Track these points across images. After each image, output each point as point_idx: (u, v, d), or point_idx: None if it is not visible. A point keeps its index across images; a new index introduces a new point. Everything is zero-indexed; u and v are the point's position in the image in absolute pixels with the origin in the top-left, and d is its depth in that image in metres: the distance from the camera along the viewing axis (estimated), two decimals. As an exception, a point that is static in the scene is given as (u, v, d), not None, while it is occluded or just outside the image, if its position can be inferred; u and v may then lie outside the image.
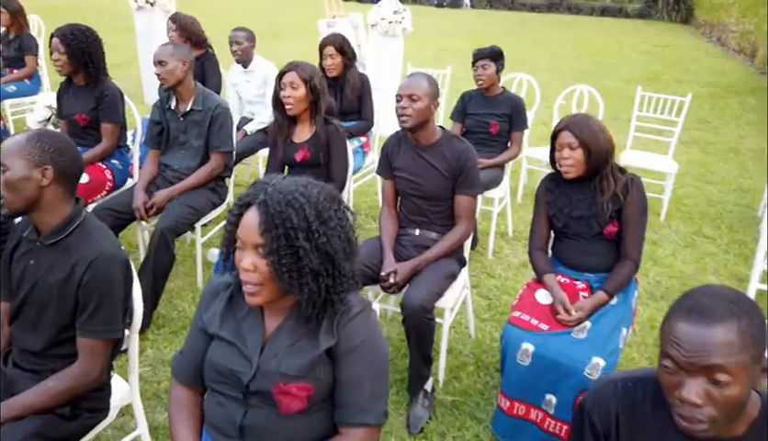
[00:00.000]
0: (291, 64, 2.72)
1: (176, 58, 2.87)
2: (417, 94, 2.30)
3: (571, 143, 2.12)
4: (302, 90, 2.69)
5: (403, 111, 2.32)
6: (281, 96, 2.71)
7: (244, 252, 1.22)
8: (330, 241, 1.22)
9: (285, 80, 2.69)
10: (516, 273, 3.47)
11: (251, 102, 4.16)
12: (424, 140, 2.42)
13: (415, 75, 2.39)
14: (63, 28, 2.98)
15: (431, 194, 2.43)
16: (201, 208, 2.94)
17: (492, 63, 3.59)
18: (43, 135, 1.59)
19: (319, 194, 1.24)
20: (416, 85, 2.31)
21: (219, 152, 2.99)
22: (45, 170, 1.56)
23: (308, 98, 2.73)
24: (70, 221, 1.61)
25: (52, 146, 1.58)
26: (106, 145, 3.13)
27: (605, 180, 2.17)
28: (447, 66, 5.22)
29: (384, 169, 2.56)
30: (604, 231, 2.19)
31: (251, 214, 1.21)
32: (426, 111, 2.34)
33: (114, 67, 8.69)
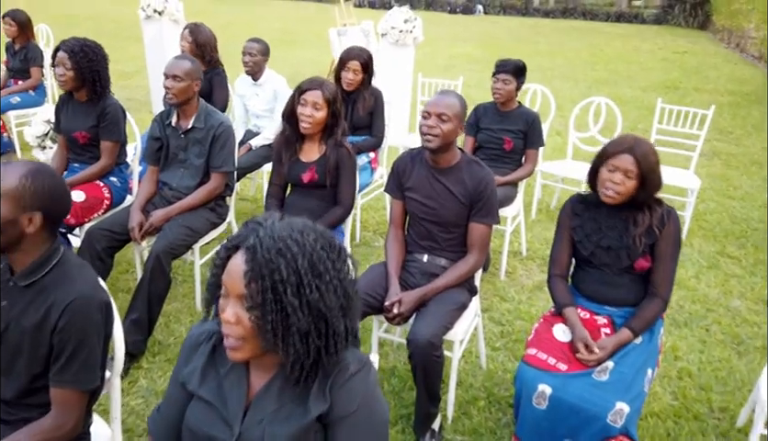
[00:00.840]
0: (316, 82, 2.58)
1: (191, 77, 2.75)
2: (448, 114, 2.15)
3: (629, 171, 1.95)
4: (324, 112, 2.57)
5: (430, 131, 2.17)
6: (299, 112, 2.58)
7: (228, 301, 1.08)
8: (323, 297, 1.07)
9: (307, 97, 2.55)
10: (531, 296, 3.31)
11: (258, 116, 4.04)
12: (444, 162, 2.27)
13: (447, 93, 2.23)
14: (71, 43, 2.87)
15: (444, 220, 2.28)
16: (199, 229, 2.82)
17: (514, 80, 3.44)
18: (38, 176, 1.44)
19: (315, 242, 1.09)
20: (447, 105, 2.17)
21: (220, 172, 2.87)
22: (33, 217, 1.43)
23: (326, 120, 2.59)
24: (47, 260, 1.48)
25: (46, 190, 1.44)
26: (104, 163, 3.02)
27: (642, 211, 2.01)
28: (459, 76, 5.05)
29: (394, 188, 2.41)
30: (634, 265, 2.03)
31: (238, 259, 1.07)
32: (453, 133, 2.20)
33: (125, 76, 8.73)
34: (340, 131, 2.66)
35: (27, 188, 1.41)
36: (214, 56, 4.01)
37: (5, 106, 4.81)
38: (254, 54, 3.85)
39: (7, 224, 1.40)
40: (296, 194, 2.78)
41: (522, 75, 3.51)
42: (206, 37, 3.96)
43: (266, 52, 3.93)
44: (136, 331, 2.58)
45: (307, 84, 2.59)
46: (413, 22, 5.51)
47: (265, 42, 3.96)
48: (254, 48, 3.87)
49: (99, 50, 2.93)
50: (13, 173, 1.42)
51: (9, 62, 4.98)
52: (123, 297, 3.09)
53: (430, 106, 2.19)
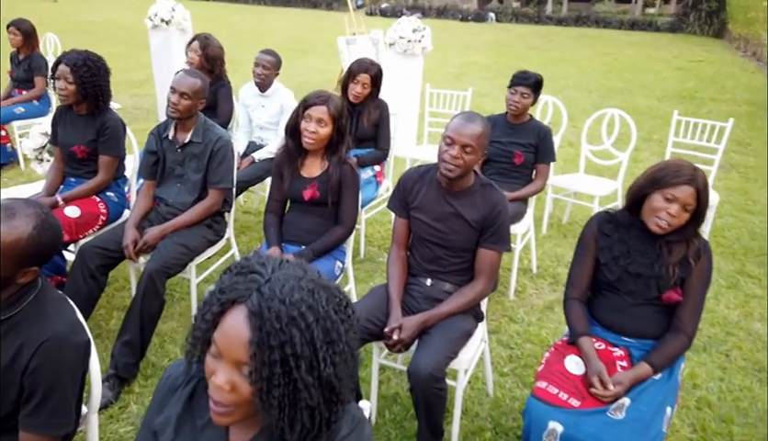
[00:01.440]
0: (321, 97, 2.47)
1: (198, 96, 2.68)
2: (473, 146, 2.03)
3: (688, 204, 1.82)
4: (329, 128, 2.46)
5: (453, 161, 2.04)
6: (303, 128, 2.47)
7: (220, 364, 0.93)
8: (337, 369, 0.93)
9: (312, 113, 2.44)
10: (541, 317, 3.17)
11: (262, 127, 3.94)
12: (458, 186, 2.15)
13: (473, 120, 2.08)
14: (74, 56, 2.78)
15: (453, 244, 2.16)
16: (196, 247, 2.72)
17: (532, 94, 3.32)
18: (46, 230, 1.36)
19: (328, 303, 0.94)
20: (473, 136, 2.03)
21: (217, 189, 2.77)
22: (30, 271, 1.36)
23: (331, 136, 2.49)
24: (23, 295, 1.39)
25: (48, 242, 1.37)
26: (102, 179, 2.93)
27: (680, 241, 1.88)
28: (468, 87, 4.92)
29: (398, 205, 2.29)
30: (662, 296, 1.89)
31: (238, 320, 0.91)
32: (475, 162, 2.07)
33: (133, 85, 8.72)
34: (344, 148, 2.55)
35: (32, 246, 1.33)
36: (223, 70, 3.94)
37: (8, 116, 4.76)
38: (267, 67, 3.77)
39: (5, 279, 1.32)
40: (295, 210, 2.67)
41: (540, 90, 3.39)
42: (216, 50, 3.89)
43: (278, 66, 3.84)
44: (128, 353, 2.48)
45: (312, 99, 2.48)
46: (422, 32, 5.41)
47: (278, 55, 3.87)
48: (267, 61, 3.78)
49: (102, 64, 2.85)
50: (23, 225, 1.33)
51: (14, 71, 4.94)
52: (118, 315, 3.00)
53: (454, 133, 2.04)
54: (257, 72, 3.79)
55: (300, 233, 2.60)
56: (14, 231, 1.31)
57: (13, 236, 1.30)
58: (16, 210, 1.33)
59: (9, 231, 1.30)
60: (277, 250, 2.50)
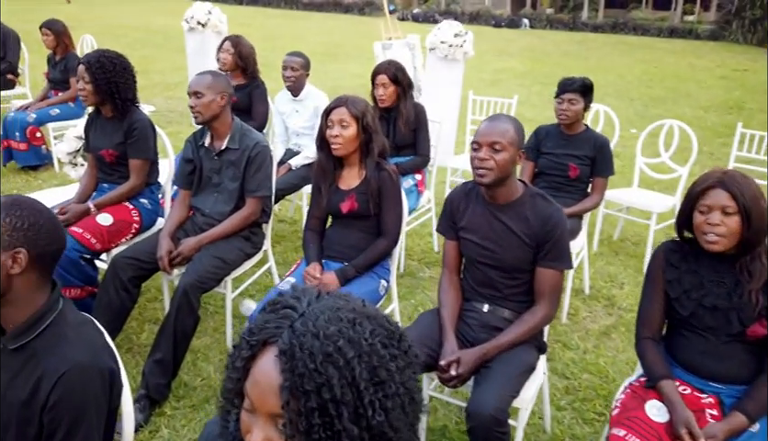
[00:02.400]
0: (340, 99, 2.32)
1: (215, 90, 2.52)
2: (501, 143, 1.85)
3: (727, 207, 1.62)
4: (353, 129, 2.29)
5: (482, 164, 1.87)
6: (328, 134, 2.31)
7: (255, 419, 0.78)
8: (389, 417, 0.75)
9: (333, 117, 2.29)
10: (598, 344, 2.93)
11: (298, 134, 3.80)
12: (502, 197, 1.96)
13: (497, 118, 1.93)
14: (91, 55, 2.68)
15: (506, 264, 1.96)
16: (233, 260, 2.57)
17: (581, 98, 3.09)
18: (14, 206, 1.23)
19: (373, 335, 0.77)
20: (500, 132, 1.86)
21: (255, 197, 2.62)
22: (17, 254, 1.20)
23: (359, 138, 2.31)
24: (41, 318, 1.24)
25: (27, 220, 1.22)
26: (133, 183, 2.81)
27: (758, 260, 1.65)
28: (514, 95, 4.71)
29: (447, 228, 2.11)
30: (747, 331, 1.66)
31: (268, 363, 0.76)
32: (510, 163, 1.88)
33: (168, 87, 8.70)
34: (377, 148, 2.37)
35: (1, 224, 1.18)
36: (255, 67, 3.81)
37: (43, 117, 4.71)
38: (296, 68, 3.63)
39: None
40: (336, 226, 2.50)
41: (589, 94, 3.16)
42: (248, 49, 3.78)
43: (307, 66, 3.70)
44: (159, 373, 2.33)
45: (332, 104, 2.34)
46: (464, 36, 5.21)
47: (306, 56, 3.73)
48: (295, 62, 3.64)
49: (119, 61, 2.72)
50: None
51: (50, 73, 4.90)
52: (150, 328, 2.87)
53: (480, 135, 1.89)
54: (287, 75, 3.65)
55: (342, 249, 2.42)
56: None
57: None
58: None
59: None
60: (317, 266, 2.33)
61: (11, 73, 5.66)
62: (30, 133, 4.65)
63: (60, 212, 2.65)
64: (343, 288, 2.26)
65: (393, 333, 0.81)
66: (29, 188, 4.52)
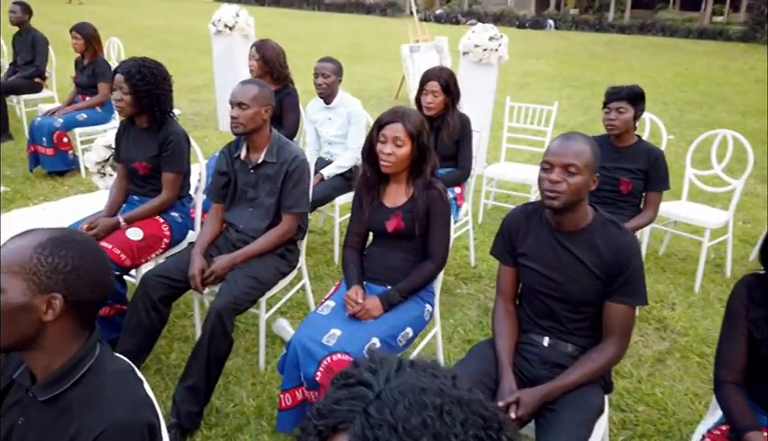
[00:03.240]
0: (396, 113, 2.15)
1: (260, 103, 2.40)
2: (577, 165, 1.68)
3: None
4: (407, 148, 2.13)
5: (553, 187, 1.70)
6: (379, 150, 2.16)
7: None
8: None
9: (387, 133, 2.13)
10: (653, 372, 2.74)
11: (330, 142, 3.66)
12: (571, 223, 1.79)
13: (573, 137, 1.75)
14: (129, 64, 2.57)
15: (572, 297, 1.80)
16: (268, 280, 2.43)
17: (630, 107, 2.91)
18: (62, 244, 1.09)
19: (465, 428, 0.61)
20: (575, 153, 1.69)
21: (292, 214, 2.48)
22: (52, 299, 1.07)
23: (411, 157, 2.16)
24: (75, 365, 1.10)
25: (71, 262, 1.09)
26: (165, 197, 2.70)
27: None
28: (553, 101, 4.51)
29: (503, 252, 1.95)
30: None
31: None
32: (585, 188, 1.72)
33: (193, 90, 8.64)
34: (429, 169, 2.22)
35: (43, 261, 1.06)
36: (284, 72, 3.67)
37: (71, 122, 4.65)
38: (327, 75, 3.48)
39: (18, 310, 1.04)
40: (378, 245, 2.34)
41: (640, 102, 2.98)
42: (273, 52, 3.62)
43: (340, 72, 3.54)
44: (191, 400, 2.20)
45: (386, 117, 2.16)
46: (499, 40, 5.03)
47: (338, 61, 3.58)
48: (327, 68, 3.50)
49: (159, 71, 2.61)
50: (27, 243, 1.08)
51: (77, 77, 4.83)
52: (180, 347, 2.75)
53: (552, 154, 1.72)
54: (318, 82, 3.51)
55: (385, 271, 2.27)
56: (17, 246, 1.08)
57: (13, 254, 1.07)
58: (28, 232, 1.12)
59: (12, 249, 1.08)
60: (359, 290, 2.17)
61: (39, 76, 5.62)
62: (57, 138, 4.58)
63: (89, 227, 2.55)
64: (387, 315, 2.12)
65: (491, 423, 0.65)
66: (56, 195, 4.45)
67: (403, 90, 8.45)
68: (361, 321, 2.08)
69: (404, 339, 2.12)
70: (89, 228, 2.54)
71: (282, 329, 2.83)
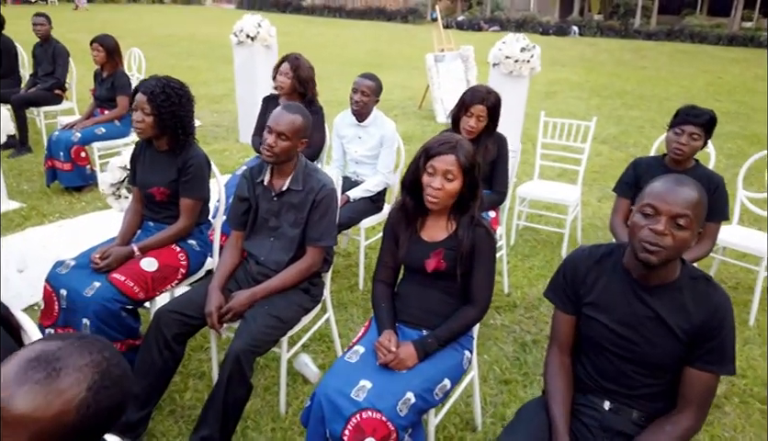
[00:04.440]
0: (449, 143, 1.91)
1: (300, 136, 2.23)
2: (689, 217, 1.43)
3: None
4: (458, 182, 1.92)
5: (657, 240, 1.44)
6: (426, 182, 1.94)
7: None
8: None
9: (437, 164, 1.90)
10: (711, 420, 2.48)
11: (358, 161, 3.46)
12: (656, 277, 1.55)
13: (683, 182, 1.47)
14: (153, 84, 2.40)
15: (650, 360, 1.56)
16: (290, 318, 2.24)
17: (703, 135, 2.67)
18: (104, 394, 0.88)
19: None
20: (688, 202, 1.43)
21: (318, 247, 2.29)
22: None
23: (460, 192, 1.95)
24: None
25: (107, 411, 0.89)
26: (183, 224, 2.53)
27: None
28: (593, 117, 4.27)
29: (563, 298, 1.72)
30: None
31: None
32: (689, 244, 1.47)
33: (214, 99, 8.54)
34: (477, 206, 2.00)
35: (88, 415, 0.86)
36: (314, 93, 3.50)
37: (89, 137, 4.53)
38: (367, 94, 3.28)
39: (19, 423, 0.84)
40: (411, 281, 2.12)
41: (713, 130, 2.74)
42: (308, 72, 3.45)
43: (379, 92, 3.35)
44: (205, 454, 2.02)
45: (436, 147, 1.93)
46: (531, 51, 4.82)
47: (378, 79, 3.38)
48: (367, 86, 3.29)
49: (183, 92, 2.45)
50: (73, 388, 0.86)
51: (96, 90, 4.72)
52: (195, 385, 2.57)
53: (659, 199, 1.45)
54: (355, 98, 3.31)
55: (420, 313, 2.06)
56: (57, 399, 0.83)
57: (56, 408, 0.83)
58: (62, 363, 0.85)
59: (51, 401, 0.83)
60: (392, 336, 1.96)
61: (59, 88, 5.53)
62: (75, 153, 4.47)
63: (101, 256, 2.38)
64: (422, 364, 1.90)
65: None
66: (72, 211, 4.32)
67: (427, 100, 8.26)
68: (394, 371, 1.87)
69: (441, 392, 1.91)
70: (102, 257, 2.38)
71: (304, 365, 2.64)
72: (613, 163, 6.03)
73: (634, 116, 8.30)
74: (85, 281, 2.31)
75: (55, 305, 2.35)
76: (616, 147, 6.63)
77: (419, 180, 1.97)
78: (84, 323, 2.27)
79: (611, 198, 5.08)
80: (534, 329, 3.11)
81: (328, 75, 10.55)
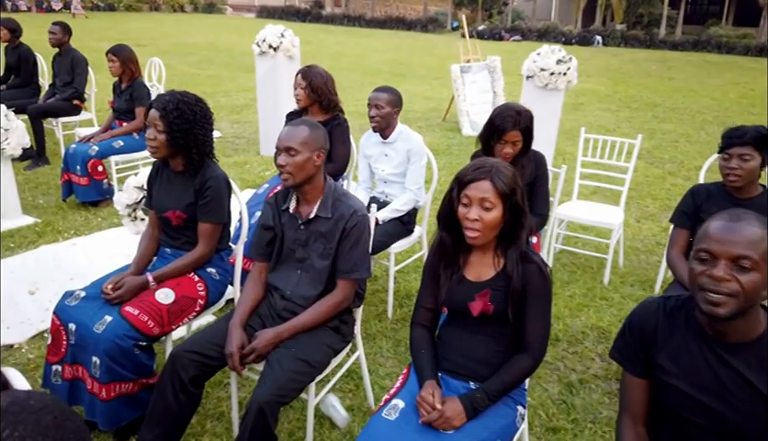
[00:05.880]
0: (482, 168, 1.70)
1: (311, 147, 2.02)
2: (752, 258, 1.23)
3: None
4: (498, 211, 1.69)
5: (719, 287, 1.24)
6: (461, 214, 1.72)
7: None
8: None
9: (471, 193, 1.69)
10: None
11: (386, 181, 3.25)
12: (736, 333, 1.31)
13: (743, 218, 1.27)
14: (166, 99, 2.21)
15: (734, 429, 1.32)
16: (319, 362, 2.02)
17: (756, 153, 2.40)
18: None
19: None
20: (749, 241, 1.23)
21: (350, 280, 2.07)
22: None
23: (502, 221, 1.72)
24: None
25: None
26: (202, 251, 2.33)
27: None
28: (638, 135, 4.00)
29: (632, 358, 1.47)
30: None
31: None
32: (762, 289, 1.25)
33: (234, 110, 8.40)
34: (524, 235, 1.77)
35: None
36: (333, 100, 3.29)
37: (107, 150, 4.37)
38: (381, 106, 3.05)
39: None
40: (456, 326, 1.88)
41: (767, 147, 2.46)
42: (321, 79, 3.24)
43: (396, 103, 3.12)
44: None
45: (470, 173, 1.71)
46: (568, 63, 4.57)
47: (395, 91, 3.15)
48: (381, 99, 3.06)
49: (199, 108, 2.26)
50: None
51: (115, 101, 4.57)
52: (213, 427, 2.35)
53: (715, 241, 1.25)
54: (371, 114, 3.09)
55: (465, 362, 1.82)
56: None
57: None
58: None
59: None
60: (436, 390, 1.73)
61: (77, 99, 5.41)
62: (92, 167, 4.31)
63: (114, 287, 2.19)
64: (471, 423, 1.67)
65: None
66: (88, 228, 4.16)
67: (451, 112, 8.03)
68: (439, 432, 1.63)
69: (493, 456, 1.67)
70: (114, 288, 2.19)
71: (332, 408, 2.41)
72: (649, 180, 5.75)
73: (667, 129, 7.99)
74: (96, 315, 2.12)
75: (63, 340, 2.16)
76: (651, 162, 6.33)
77: (455, 213, 1.74)
78: (93, 362, 2.08)
79: (650, 219, 4.81)
80: (579, 366, 2.85)
81: (350, 85, 10.39)
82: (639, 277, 3.76)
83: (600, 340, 3.08)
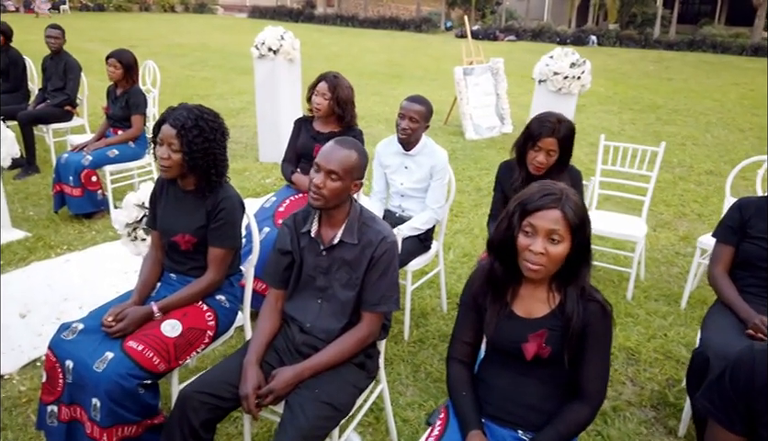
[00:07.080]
0: (552, 195, 1.50)
1: (354, 176, 1.84)
2: None
3: None
4: (566, 245, 1.50)
5: None
6: (522, 245, 1.52)
7: None
8: None
9: (539, 223, 1.48)
10: None
11: (403, 195, 3.05)
12: None
13: None
14: (183, 116, 2.01)
15: None
16: (345, 404, 1.82)
17: None
18: None
19: None
20: None
21: (377, 312, 1.88)
22: None
23: (567, 256, 1.54)
24: None
25: None
26: (212, 278, 2.14)
27: None
28: (661, 143, 3.84)
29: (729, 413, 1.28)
30: None
31: None
32: None
33: (230, 114, 8.15)
34: (588, 274, 1.59)
35: None
36: (354, 115, 3.12)
37: (101, 159, 4.16)
38: (416, 119, 2.86)
39: None
40: (500, 366, 1.69)
41: None
42: (347, 93, 3.08)
43: (429, 117, 2.94)
44: None
45: (536, 200, 1.50)
46: (582, 67, 4.41)
47: (430, 104, 2.96)
48: (416, 112, 2.86)
49: (218, 124, 2.09)
50: None
51: (109, 108, 4.35)
52: (223, 469, 2.16)
53: None
54: (403, 125, 2.90)
55: (513, 408, 1.63)
56: None
57: None
58: None
59: None
60: (482, 438, 1.55)
61: (69, 104, 5.18)
62: (85, 177, 4.09)
63: (115, 318, 1.99)
64: (523, 480, 1.49)
65: None
66: (82, 242, 3.94)
67: (453, 115, 7.86)
68: (488, 491, 1.45)
69: (548, 517, 1.49)
70: (115, 320, 1.99)
71: (353, 444, 2.22)
72: (660, 186, 5.58)
73: (672, 132, 7.86)
74: (96, 351, 1.92)
75: (60, 379, 1.96)
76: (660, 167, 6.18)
77: (512, 241, 1.56)
78: (93, 404, 1.88)
79: (666, 227, 4.66)
80: (611, 392, 2.68)
81: (347, 87, 10.17)
82: (663, 291, 3.60)
83: (629, 362, 2.91)
